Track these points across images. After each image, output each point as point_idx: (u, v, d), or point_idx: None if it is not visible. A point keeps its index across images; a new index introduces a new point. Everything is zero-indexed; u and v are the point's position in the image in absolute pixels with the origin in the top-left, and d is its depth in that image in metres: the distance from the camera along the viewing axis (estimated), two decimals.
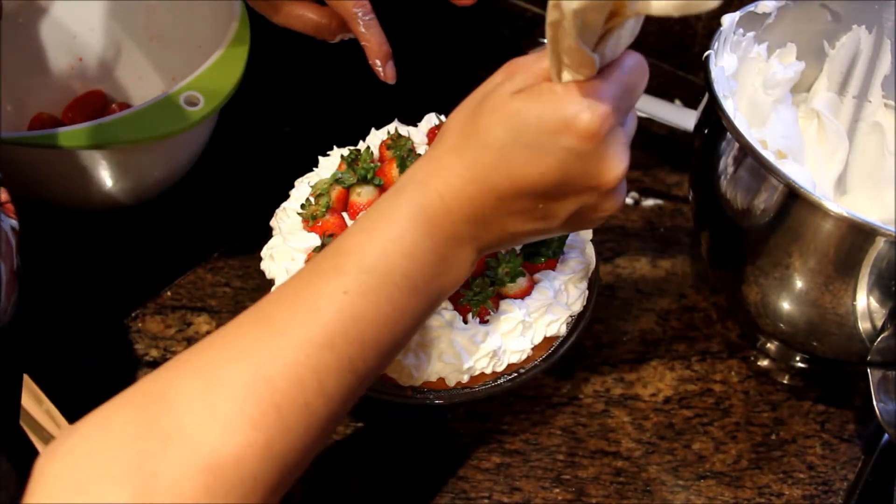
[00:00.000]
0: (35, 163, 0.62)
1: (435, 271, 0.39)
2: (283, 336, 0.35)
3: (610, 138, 0.36)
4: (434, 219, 0.38)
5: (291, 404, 0.34)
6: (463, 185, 0.38)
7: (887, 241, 0.45)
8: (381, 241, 0.38)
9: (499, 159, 0.37)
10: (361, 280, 0.37)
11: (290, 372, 0.35)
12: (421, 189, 0.39)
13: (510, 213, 0.39)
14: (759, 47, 0.60)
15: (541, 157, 0.36)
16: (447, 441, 0.58)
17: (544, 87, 0.36)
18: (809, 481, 0.57)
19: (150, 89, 0.77)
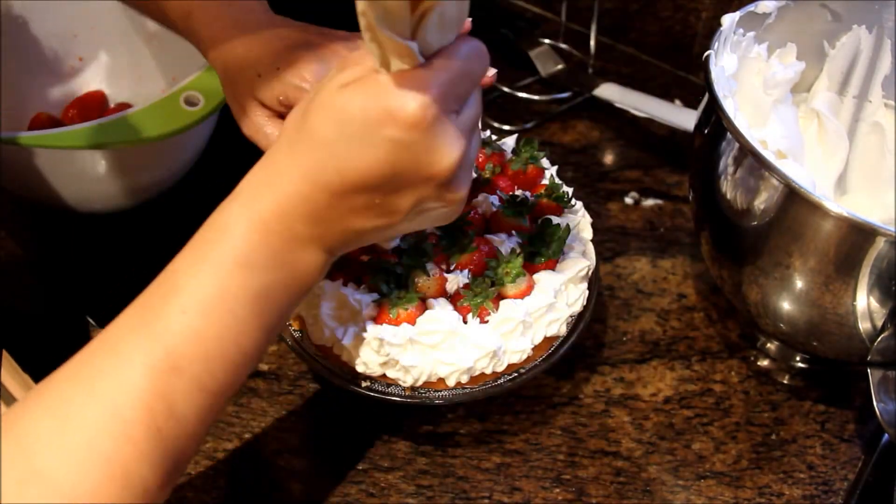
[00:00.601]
0: (35, 163, 0.62)
1: (277, 278, 0.38)
2: (128, 365, 0.35)
3: (438, 127, 0.35)
4: (269, 223, 0.37)
5: (145, 433, 0.34)
6: (296, 185, 0.37)
7: (887, 241, 0.45)
8: (216, 254, 0.37)
9: (327, 155, 0.36)
10: (199, 298, 0.36)
11: (138, 401, 0.34)
12: (254, 194, 0.38)
13: (349, 211, 0.38)
14: (760, 47, 0.60)
15: (367, 149, 0.35)
16: (447, 441, 0.58)
17: (369, 79, 0.35)
18: (809, 481, 0.57)
19: (150, 89, 0.77)
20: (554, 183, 0.60)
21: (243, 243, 0.37)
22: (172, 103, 0.61)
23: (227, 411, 0.59)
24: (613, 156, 0.80)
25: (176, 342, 0.36)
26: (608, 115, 0.82)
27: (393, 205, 0.38)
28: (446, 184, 0.37)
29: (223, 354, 0.37)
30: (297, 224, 0.38)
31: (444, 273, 0.54)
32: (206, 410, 0.37)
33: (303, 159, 0.37)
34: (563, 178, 0.63)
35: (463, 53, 0.36)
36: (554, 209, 0.59)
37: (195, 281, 0.37)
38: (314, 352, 0.55)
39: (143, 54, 0.77)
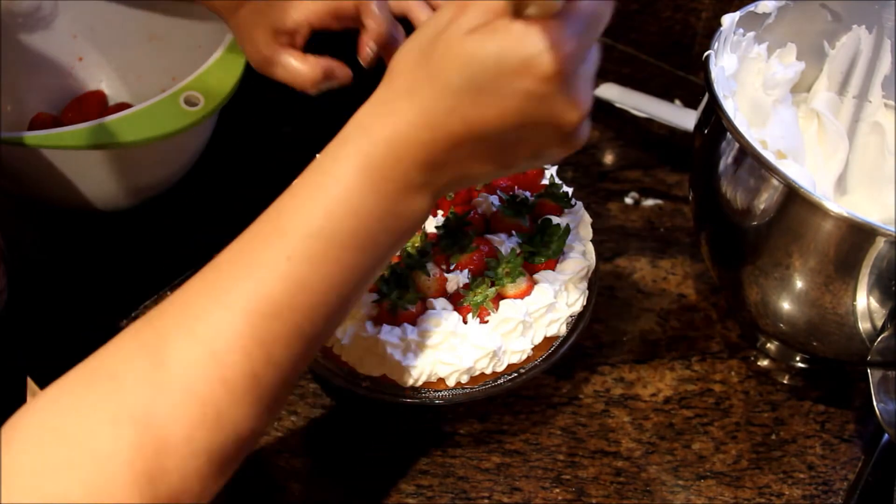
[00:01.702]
0: (35, 163, 0.62)
1: (385, 225, 0.37)
2: (228, 309, 0.34)
3: (572, 79, 0.34)
4: (383, 170, 0.36)
5: (240, 377, 0.34)
6: (416, 132, 0.35)
7: (887, 241, 0.45)
8: (324, 200, 0.36)
9: (455, 104, 0.34)
10: (306, 244, 0.35)
11: (237, 345, 0.34)
12: (368, 138, 0.36)
13: (467, 157, 0.36)
14: (760, 47, 0.60)
15: (499, 100, 0.34)
16: (447, 441, 0.58)
17: (500, 25, 0.33)
18: (809, 481, 0.57)
19: (150, 89, 0.77)
20: (554, 183, 0.60)
21: (354, 189, 0.35)
22: (172, 103, 0.61)
23: None
24: (613, 156, 0.80)
25: (279, 289, 0.35)
26: (608, 115, 0.82)
27: (514, 152, 0.37)
28: (572, 133, 0.36)
29: (325, 303, 0.36)
30: (411, 171, 0.36)
31: (444, 273, 0.54)
32: (302, 357, 0.37)
33: (425, 106, 0.35)
34: (563, 178, 0.63)
35: (593, 1, 0.34)
36: (554, 209, 0.59)
37: (302, 226, 0.35)
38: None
39: (143, 54, 0.77)
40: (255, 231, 0.37)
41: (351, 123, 0.37)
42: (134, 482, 0.31)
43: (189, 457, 0.33)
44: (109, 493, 0.31)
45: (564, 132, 0.36)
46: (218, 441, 0.34)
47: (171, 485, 0.32)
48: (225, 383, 0.34)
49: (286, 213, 0.36)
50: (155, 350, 0.34)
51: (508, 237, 0.56)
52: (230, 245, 0.37)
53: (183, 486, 0.33)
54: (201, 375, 0.33)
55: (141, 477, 0.32)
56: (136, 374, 0.33)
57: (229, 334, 0.34)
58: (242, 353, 0.34)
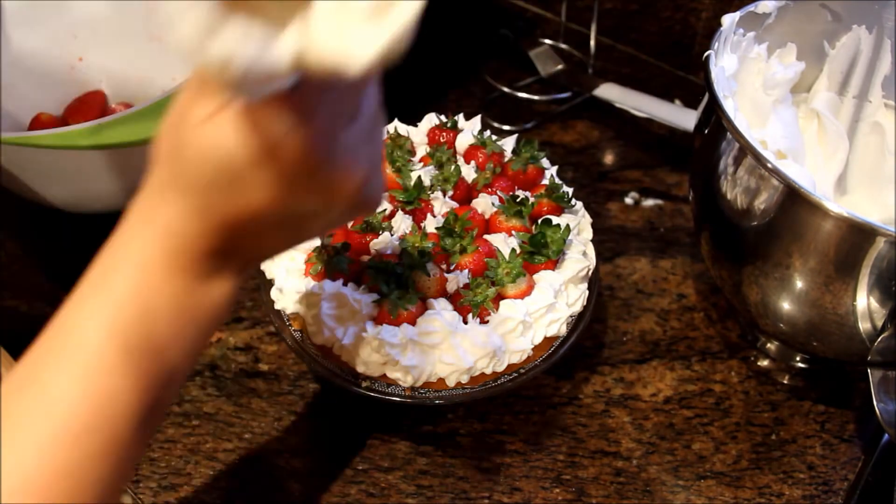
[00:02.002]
0: (35, 163, 0.62)
1: (183, 320, 0.34)
2: (17, 445, 0.31)
3: (332, 151, 0.31)
4: (166, 264, 0.33)
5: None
6: (188, 224, 0.33)
7: (887, 241, 0.45)
8: (110, 304, 0.33)
9: (211, 199, 0.32)
10: (98, 355, 0.32)
11: (39, 478, 0.31)
12: (144, 234, 0.33)
13: (253, 239, 0.34)
14: (760, 47, 0.60)
15: (255, 191, 0.31)
16: (447, 441, 0.58)
17: (232, 115, 0.30)
18: (809, 481, 0.57)
19: (150, 89, 0.77)
20: (554, 183, 0.60)
21: (140, 291, 0.33)
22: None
23: (227, 411, 0.59)
24: (613, 156, 0.80)
25: (74, 409, 0.32)
26: (608, 115, 0.82)
27: (301, 226, 0.35)
28: (356, 199, 0.34)
29: (128, 412, 0.33)
30: (197, 261, 0.34)
31: (444, 273, 0.54)
32: (117, 473, 0.33)
33: (189, 197, 0.32)
34: (563, 178, 0.63)
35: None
36: (554, 209, 0.59)
37: (89, 337, 0.33)
38: (314, 352, 0.55)
39: (143, 54, 0.77)
40: (42, 345, 0.34)
41: (131, 213, 0.34)
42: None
43: (74, 491, 0.31)
44: None
45: (347, 200, 0.33)
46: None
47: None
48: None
49: (71, 322, 0.34)
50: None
51: (508, 237, 0.56)
52: (22, 358, 0.33)
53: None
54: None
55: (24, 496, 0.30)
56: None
57: (30, 464, 0.31)
58: (47, 485, 0.31)
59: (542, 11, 0.96)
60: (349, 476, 0.56)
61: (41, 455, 0.31)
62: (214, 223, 0.33)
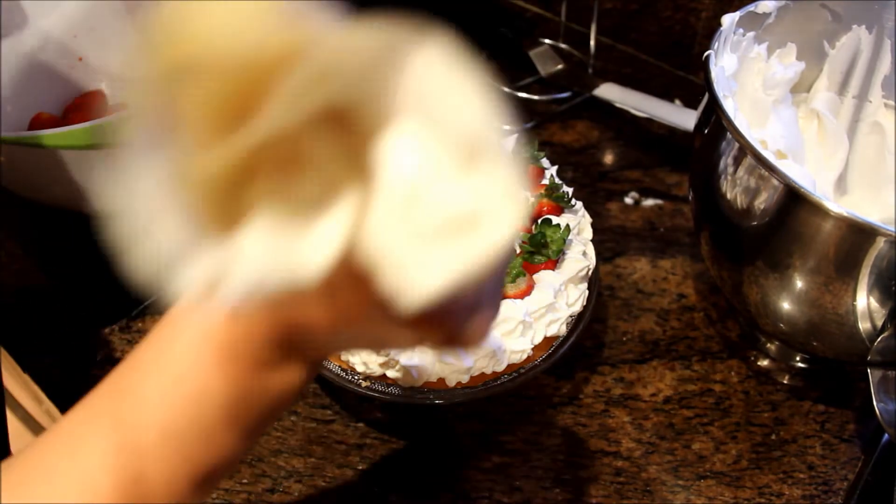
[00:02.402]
0: (35, 163, 0.62)
1: (241, 406, 0.31)
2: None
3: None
4: (223, 346, 0.29)
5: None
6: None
7: (887, 241, 0.45)
8: (160, 382, 0.30)
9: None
10: (141, 437, 0.29)
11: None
12: (202, 311, 0.30)
13: (321, 341, 0.30)
14: (759, 47, 0.60)
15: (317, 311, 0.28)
16: (447, 441, 0.58)
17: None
18: (809, 481, 0.57)
19: None
20: (554, 183, 0.60)
21: (194, 371, 0.30)
22: None
23: None
24: (613, 156, 0.80)
25: (108, 490, 0.29)
26: (608, 115, 0.82)
27: (382, 341, 0.32)
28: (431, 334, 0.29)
29: (173, 499, 0.30)
30: (263, 351, 0.30)
31: None
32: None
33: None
34: (563, 178, 0.63)
35: None
36: (554, 209, 0.59)
37: (134, 415, 0.30)
38: None
39: None
40: (81, 414, 0.31)
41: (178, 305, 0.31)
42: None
43: None
44: None
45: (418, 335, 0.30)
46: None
47: None
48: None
49: (118, 396, 0.31)
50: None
51: None
52: (55, 426, 0.31)
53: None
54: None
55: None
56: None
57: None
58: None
59: (542, 11, 0.96)
60: (349, 476, 0.56)
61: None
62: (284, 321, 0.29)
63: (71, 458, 0.29)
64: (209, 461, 0.31)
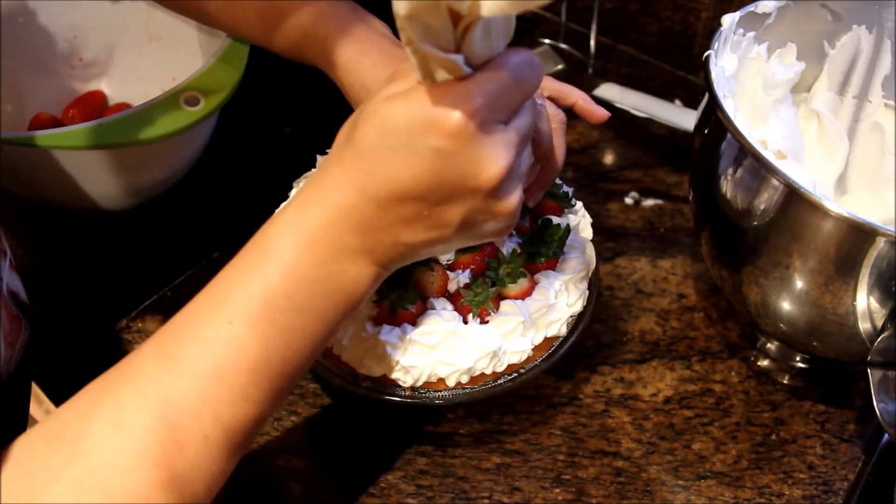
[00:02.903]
0: (35, 163, 0.62)
1: (322, 288, 0.38)
2: (176, 372, 0.36)
3: (482, 137, 0.35)
4: (315, 233, 0.37)
5: (191, 439, 0.35)
6: (343, 195, 0.37)
7: (887, 241, 0.45)
8: (262, 264, 0.37)
9: (373, 165, 0.36)
10: (245, 308, 0.37)
11: (186, 407, 0.35)
12: (304, 205, 0.38)
13: (398, 222, 0.37)
14: (760, 47, 0.60)
15: (411, 159, 0.35)
16: (447, 441, 0.58)
17: (413, 90, 0.35)
18: (809, 481, 0.57)
19: (150, 89, 0.77)
20: (554, 183, 0.60)
21: (290, 254, 0.37)
22: (172, 103, 0.61)
23: None
24: (613, 156, 0.81)
25: (221, 352, 0.36)
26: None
27: (441, 217, 0.37)
28: (493, 195, 0.37)
29: (268, 365, 0.37)
30: (345, 235, 0.37)
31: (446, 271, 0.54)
32: (251, 420, 0.37)
33: (349, 170, 0.37)
34: (563, 178, 0.63)
35: (512, 63, 0.35)
36: (554, 209, 0.59)
37: (241, 292, 0.37)
38: None
39: (143, 54, 0.77)
40: (201, 299, 0.38)
41: (294, 195, 0.39)
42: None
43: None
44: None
45: (484, 193, 0.36)
46: (174, 500, 0.35)
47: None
48: (177, 444, 0.35)
49: (228, 279, 0.38)
50: (113, 413, 0.35)
51: (509, 237, 0.56)
52: (182, 311, 0.38)
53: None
54: (155, 438, 0.35)
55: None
56: (97, 438, 0.34)
57: (179, 397, 0.35)
58: (193, 415, 0.35)
59: (542, 11, 0.96)
60: (349, 476, 0.56)
61: (188, 384, 0.36)
62: (366, 197, 0.36)
63: (160, 376, 0.36)
64: (293, 340, 0.38)
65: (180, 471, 0.35)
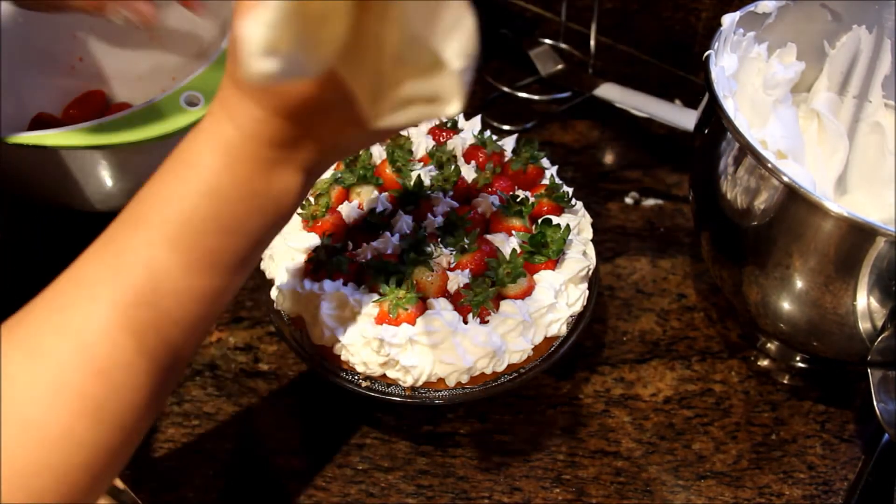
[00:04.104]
0: (35, 163, 0.62)
1: (248, 206, 0.36)
2: (94, 300, 0.35)
3: None
4: (233, 150, 0.35)
5: (114, 367, 0.34)
6: (251, 115, 0.35)
7: (887, 241, 0.45)
8: (179, 185, 0.36)
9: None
10: (164, 230, 0.35)
11: (107, 336, 0.34)
12: (216, 125, 0.36)
13: (312, 125, 0.35)
14: (760, 47, 0.60)
15: None
16: (447, 441, 0.58)
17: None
18: (810, 481, 0.57)
19: (150, 89, 0.77)
20: (554, 183, 0.60)
21: (208, 172, 0.35)
22: (172, 103, 0.61)
23: (227, 411, 0.59)
24: (613, 156, 0.81)
25: (142, 277, 0.35)
26: (608, 115, 0.82)
27: (352, 112, 0.35)
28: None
29: (191, 288, 0.36)
30: (261, 149, 0.36)
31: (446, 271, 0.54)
32: (180, 344, 0.37)
33: (247, 90, 0.35)
34: (563, 178, 0.63)
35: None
36: (554, 209, 0.59)
37: (160, 213, 0.36)
38: (314, 352, 0.55)
39: (143, 54, 0.77)
40: (118, 222, 0.37)
41: (203, 117, 0.37)
42: (19, 477, 0.32)
43: (72, 452, 0.33)
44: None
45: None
46: (101, 433, 0.34)
47: (57, 479, 0.33)
48: (100, 374, 0.34)
49: (146, 201, 0.37)
50: (28, 345, 0.34)
51: (508, 237, 0.56)
52: (99, 237, 0.37)
53: (67, 480, 0.33)
54: (75, 368, 0.34)
55: (26, 473, 0.32)
56: (12, 370, 0.33)
57: (97, 325, 0.34)
58: (113, 343, 0.34)
59: (542, 11, 0.96)
60: (349, 476, 0.56)
61: (108, 311, 0.35)
62: (271, 108, 0.34)
63: (80, 305, 0.35)
64: (220, 260, 0.36)
65: (104, 400, 0.34)
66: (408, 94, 0.31)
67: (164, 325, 0.36)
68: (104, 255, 0.36)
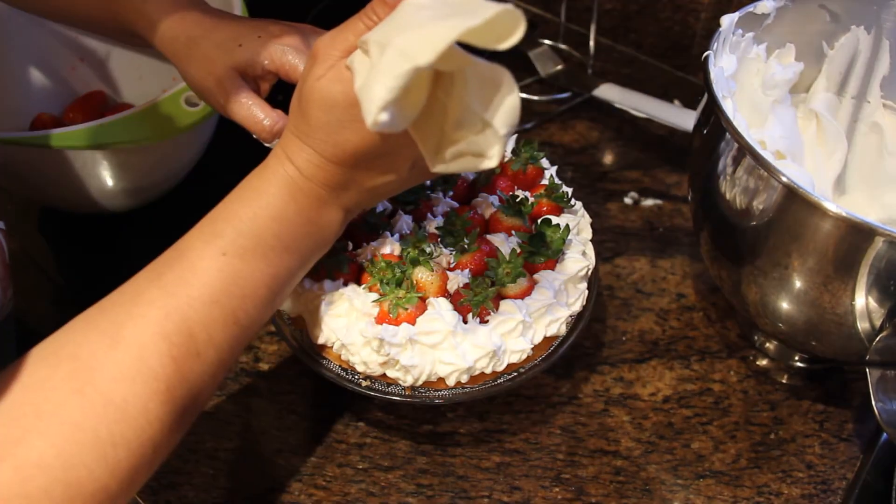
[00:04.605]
0: (35, 163, 0.62)
1: (303, 231, 0.45)
2: (174, 296, 0.41)
3: None
4: (295, 186, 0.44)
5: (186, 355, 0.40)
6: (309, 160, 0.44)
7: (886, 241, 0.45)
8: (252, 207, 0.44)
9: (325, 136, 0.43)
10: (238, 243, 0.43)
11: (183, 328, 0.40)
12: (278, 163, 0.45)
13: (358, 174, 0.44)
14: (759, 48, 0.61)
15: (355, 125, 0.41)
16: (447, 441, 0.58)
17: (342, 68, 0.41)
18: (808, 480, 0.57)
19: (150, 89, 0.77)
20: (554, 183, 0.61)
21: (276, 200, 0.44)
22: (172, 103, 0.62)
23: (227, 411, 0.59)
24: (613, 156, 0.81)
25: (217, 279, 0.42)
26: (608, 115, 0.82)
27: (393, 164, 0.45)
28: None
29: (255, 293, 0.43)
30: (318, 188, 0.45)
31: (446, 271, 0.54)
32: (237, 342, 0.43)
33: (308, 141, 0.43)
34: (563, 178, 0.63)
35: None
36: (554, 209, 0.59)
37: (234, 229, 0.43)
38: (314, 352, 0.55)
39: (143, 54, 0.77)
40: (194, 234, 0.44)
41: (270, 154, 0.46)
42: (99, 446, 0.37)
43: (146, 425, 0.38)
44: (80, 457, 0.36)
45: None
46: (169, 411, 0.39)
47: (131, 449, 0.38)
48: (173, 360, 0.40)
49: (221, 219, 0.44)
50: (111, 332, 0.39)
51: (508, 237, 0.56)
52: (175, 245, 0.43)
53: (142, 449, 0.38)
54: (153, 353, 0.39)
55: (105, 442, 0.37)
56: (96, 355, 0.38)
57: (176, 318, 0.40)
58: (188, 335, 0.40)
59: (542, 12, 0.96)
60: (349, 475, 0.56)
61: (185, 307, 0.41)
62: (325, 160, 0.44)
63: (158, 299, 0.41)
64: (278, 272, 0.45)
65: (176, 385, 0.39)
66: (461, 150, 0.40)
67: (229, 323, 0.42)
68: (182, 260, 0.42)
